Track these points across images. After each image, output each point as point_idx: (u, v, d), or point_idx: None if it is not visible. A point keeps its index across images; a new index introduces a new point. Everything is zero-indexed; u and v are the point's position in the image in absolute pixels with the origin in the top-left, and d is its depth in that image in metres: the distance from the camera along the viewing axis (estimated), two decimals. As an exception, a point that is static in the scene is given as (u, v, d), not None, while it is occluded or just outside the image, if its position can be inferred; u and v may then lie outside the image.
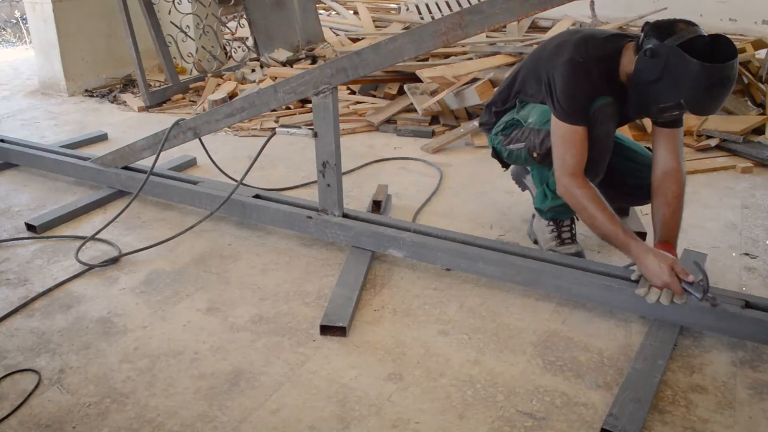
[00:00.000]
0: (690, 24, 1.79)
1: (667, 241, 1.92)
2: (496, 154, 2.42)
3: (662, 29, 1.80)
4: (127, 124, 4.02)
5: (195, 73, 4.82)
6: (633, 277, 1.91)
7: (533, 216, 2.40)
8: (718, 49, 1.75)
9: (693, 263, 1.85)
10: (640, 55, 1.85)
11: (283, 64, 4.67)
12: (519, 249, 2.14)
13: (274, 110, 3.83)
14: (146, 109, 4.27)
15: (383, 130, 3.76)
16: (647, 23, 1.87)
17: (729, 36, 1.85)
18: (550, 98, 2.00)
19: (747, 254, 2.35)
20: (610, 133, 2.05)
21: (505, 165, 2.48)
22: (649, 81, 1.83)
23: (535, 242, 2.39)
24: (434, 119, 3.79)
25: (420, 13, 6.10)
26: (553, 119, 2.01)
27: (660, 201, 2.01)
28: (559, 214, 2.25)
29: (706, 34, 1.77)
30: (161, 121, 3.99)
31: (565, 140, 1.98)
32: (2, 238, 2.50)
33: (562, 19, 5.78)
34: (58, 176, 3.04)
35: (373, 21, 5.90)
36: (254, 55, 4.91)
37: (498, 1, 1.82)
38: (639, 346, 1.81)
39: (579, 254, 2.22)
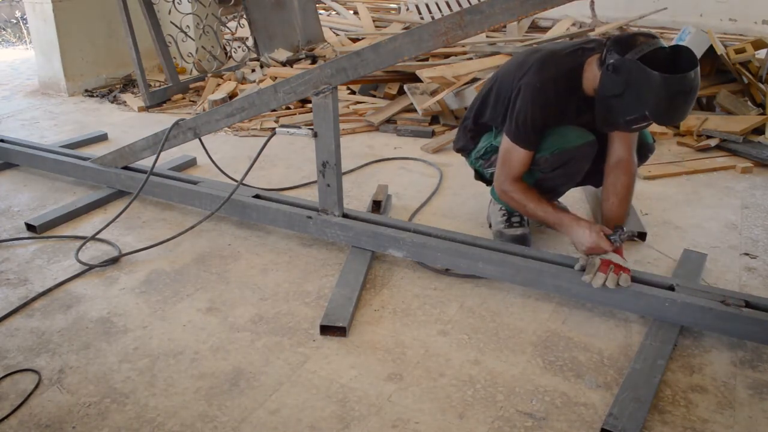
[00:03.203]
0: (650, 36, 1.84)
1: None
2: (480, 176, 2.50)
3: (622, 44, 1.85)
4: (127, 124, 4.02)
5: (195, 73, 4.82)
6: (576, 267, 1.99)
7: (491, 201, 2.49)
8: (678, 60, 1.81)
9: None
10: (603, 71, 1.90)
11: (283, 64, 4.67)
12: (519, 249, 2.14)
13: (274, 110, 3.83)
14: (146, 109, 4.27)
15: (383, 130, 3.76)
16: (609, 38, 1.92)
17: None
18: (509, 115, 2.09)
19: (747, 254, 2.35)
20: (581, 171, 2.17)
21: (489, 183, 2.53)
22: (613, 95, 1.89)
23: (490, 226, 2.48)
24: (434, 119, 3.79)
25: (420, 13, 6.10)
26: (505, 136, 2.11)
27: (609, 190, 2.11)
28: (510, 208, 2.35)
29: (666, 46, 1.82)
30: (161, 121, 4.00)
31: (510, 157, 2.10)
32: (2, 238, 2.50)
33: (561, 19, 5.78)
34: (58, 176, 3.04)
35: (373, 21, 5.90)
36: (254, 55, 4.91)
37: (498, 1, 1.82)
38: (639, 346, 1.82)
39: (524, 237, 2.32)
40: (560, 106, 2.04)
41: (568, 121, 2.08)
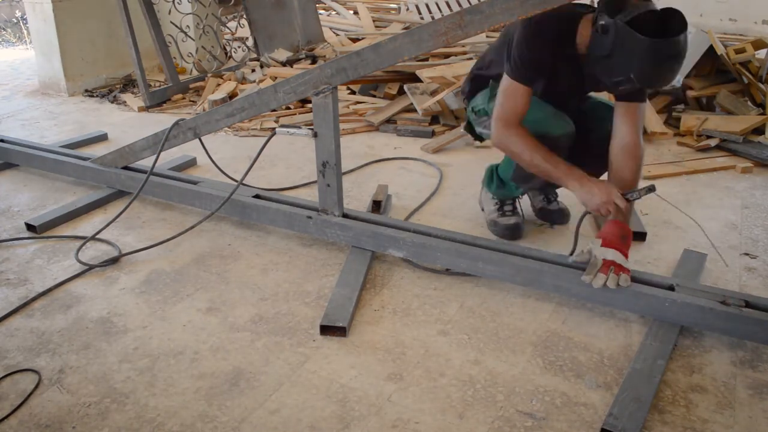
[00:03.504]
0: None
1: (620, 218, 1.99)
2: (470, 127, 2.49)
3: (613, 5, 1.83)
4: (127, 124, 4.02)
5: (195, 73, 4.82)
6: (570, 260, 1.97)
7: (482, 188, 2.51)
8: (668, 23, 1.78)
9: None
10: (593, 31, 1.90)
11: (283, 64, 4.67)
12: (519, 249, 2.14)
13: (274, 110, 3.83)
14: (146, 109, 4.27)
15: (383, 130, 3.76)
16: None
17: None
18: (507, 53, 2.05)
19: (747, 254, 2.35)
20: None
21: (478, 138, 2.55)
22: (601, 56, 1.88)
23: (483, 210, 2.52)
24: (434, 119, 3.79)
25: (420, 13, 6.10)
26: (504, 76, 2.06)
27: (616, 176, 2.06)
28: (501, 198, 2.40)
29: (657, 9, 1.80)
30: (161, 121, 3.99)
31: (507, 94, 2.05)
32: (2, 238, 2.50)
33: (562, 19, 5.77)
34: (58, 176, 3.04)
35: (373, 21, 5.90)
36: (254, 55, 4.91)
37: (498, 1, 1.82)
38: (639, 346, 1.81)
39: (517, 226, 2.34)
40: (555, 50, 2.00)
41: (559, 77, 2.07)
